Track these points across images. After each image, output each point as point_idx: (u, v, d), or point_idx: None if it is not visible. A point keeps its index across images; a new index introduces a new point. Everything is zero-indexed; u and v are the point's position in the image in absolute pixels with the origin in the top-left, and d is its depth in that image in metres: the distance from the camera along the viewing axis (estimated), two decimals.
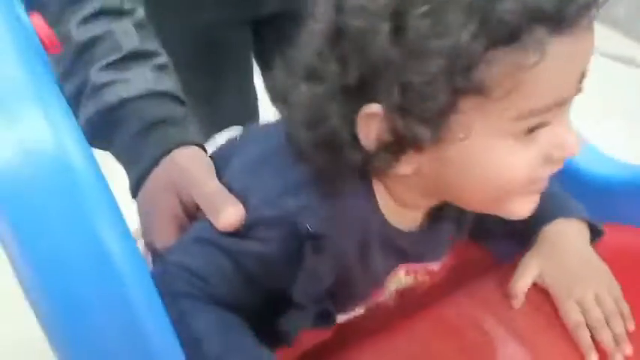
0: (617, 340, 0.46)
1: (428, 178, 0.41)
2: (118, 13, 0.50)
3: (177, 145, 0.47)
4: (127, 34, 0.49)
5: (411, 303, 0.58)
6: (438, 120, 0.37)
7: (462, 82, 0.35)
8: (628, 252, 0.49)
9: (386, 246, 0.45)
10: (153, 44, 0.51)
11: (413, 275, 0.49)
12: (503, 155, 0.38)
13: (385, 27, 0.35)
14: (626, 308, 0.47)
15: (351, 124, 0.39)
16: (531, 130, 0.38)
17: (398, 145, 0.39)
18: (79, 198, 0.28)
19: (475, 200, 0.42)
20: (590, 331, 0.46)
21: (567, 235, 0.49)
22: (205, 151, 0.49)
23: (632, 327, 0.46)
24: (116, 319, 0.28)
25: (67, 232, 0.27)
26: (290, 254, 0.40)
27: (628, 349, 0.46)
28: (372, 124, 0.38)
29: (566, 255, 0.48)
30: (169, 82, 0.50)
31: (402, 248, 0.46)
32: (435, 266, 0.50)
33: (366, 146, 0.39)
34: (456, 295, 0.51)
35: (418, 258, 0.48)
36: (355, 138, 0.39)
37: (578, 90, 0.39)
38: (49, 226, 0.27)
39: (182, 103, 0.50)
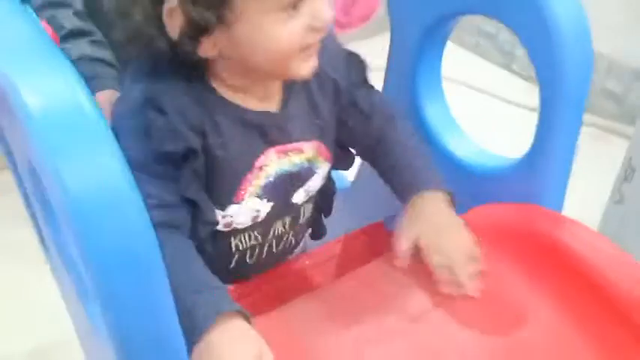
0: (471, 278, 0.58)
1: (233, 59, 0.54)
2: (60, 4, 0.66)
3: (100, 90, 0.61)
4: (67, 18, 0.65)
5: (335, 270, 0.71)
6: (220, 6, 0.50)
7: None
8: (499, 223, 0.63)
9: (243, 126, 0.57)
10: (89, 25, 0.66)
11: (286, 157, 0.61)
12: (277, 28, 0.51)
13: None
14: (477, 252, 0.59)
15: (158, 20, 0.50)
16: (295, 5, 0.51)
17: (195, 31, 0.50)
18: (89, 126, 0.41)
19: (270, 68, 0.54)
20: (451, 272, 0.58)
21: (431, 202, 0.62)
22: None
23: (483, 267, 0.59)
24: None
25: (84, 151, 0.40)
26: (147, 126, 0.52)
27: (478, 285, 0.58)
28: (173, 17, 0.50)
29: (431, 217, 0.61)
30: (104, 52, 0.65)
31: (263, 128, 0.58)
32: (306, 147, 0.62)
33: (174, 37, 0.51)
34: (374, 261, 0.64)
35: (285, 139, 0.60)
36: (162, 32, 0.51)
37: None
38: (72, 146, 0.40)
39: (114, 67, 0.65)
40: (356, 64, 0.65)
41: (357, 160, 0.86)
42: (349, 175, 0.91)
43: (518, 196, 0.64)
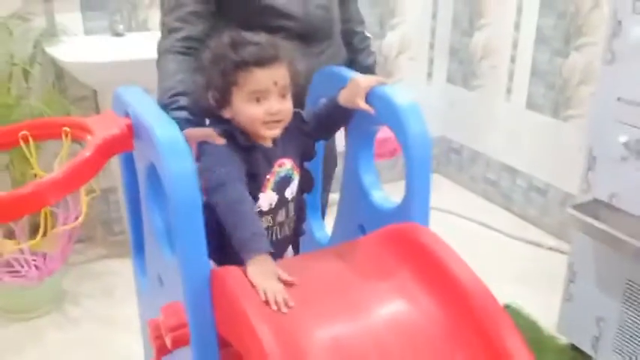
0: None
1: (238, 120, 1.09)
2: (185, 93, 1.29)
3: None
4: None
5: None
6: (225, 94, 1.08)
7: (229, 80, 1.07)
8: (391, 232, 1.13)
9: (262, 154, 1.11)
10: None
11: (280, 167, 1.14)
12: (248, 109, 1.07)
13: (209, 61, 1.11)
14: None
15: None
16: (258, 99, 1.07)
17: (218, 104, 1.10)
18: (180, 149, 0.97)
19: (251, 129, 1.09)
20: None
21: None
22: None
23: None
24: None
25: (178, 158, 0.97)
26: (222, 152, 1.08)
27: None
28: (211, 97, 1.09)
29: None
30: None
31: (270, 153, 1.12)
32: (287, 161, 1.16)
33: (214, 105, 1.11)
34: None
35: (278, 156, 1.14)
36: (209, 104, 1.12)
37: (277, 88, 1.07)
38: (174, 155, 0.96)
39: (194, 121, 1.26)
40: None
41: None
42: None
43: (403, 219, 1.15)
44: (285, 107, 1.10)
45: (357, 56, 1.55)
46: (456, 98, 3.06)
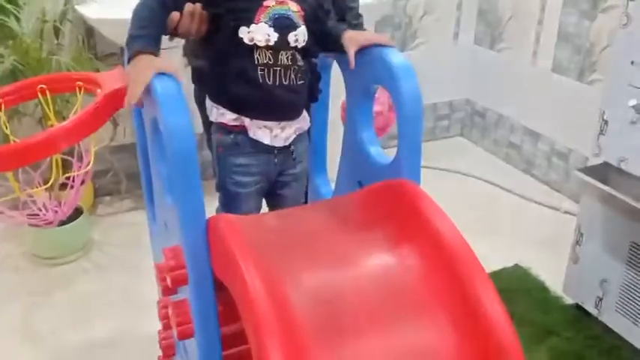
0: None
1: None
2: None
3: None
4: None
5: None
6: None
7: None
8: (385, 187, 1.18)
9: None
10: None
11: (279, 5, 1.15)
12: None
13: None
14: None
15: None
16: None
17: None
18: (178, 101, 1.04)
19: None
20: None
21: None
22: None
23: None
24: None
25: (175, 110, 1.03)
26: None
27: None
28: None
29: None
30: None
31: None
32: (290, 3, 1.18)
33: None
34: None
35: None
36: None
37: None
38: (171, 108, 1.03)
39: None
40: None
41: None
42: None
43: (395, 175, 1.20)
44: None
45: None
46: (482, 60, 3.04)
